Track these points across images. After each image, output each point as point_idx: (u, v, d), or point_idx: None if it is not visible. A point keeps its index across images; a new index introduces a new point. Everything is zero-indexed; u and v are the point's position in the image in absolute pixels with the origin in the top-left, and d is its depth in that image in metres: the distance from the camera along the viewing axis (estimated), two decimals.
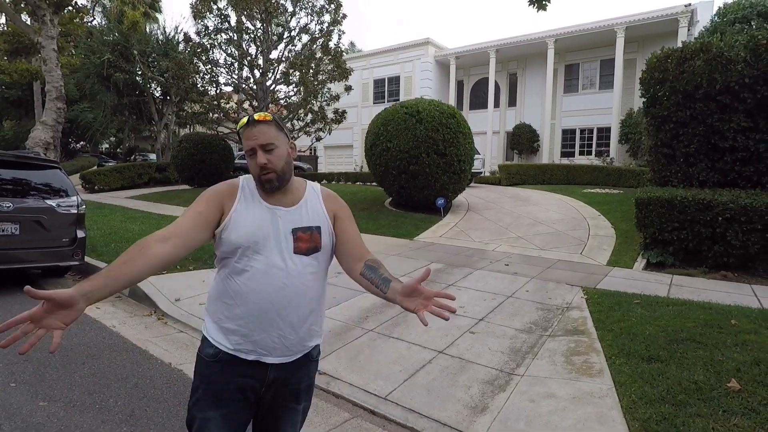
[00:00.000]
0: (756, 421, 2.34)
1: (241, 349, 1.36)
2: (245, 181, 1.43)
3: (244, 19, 14.76)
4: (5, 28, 21.03)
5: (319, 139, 16.54)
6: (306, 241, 1.37)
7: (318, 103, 15.77)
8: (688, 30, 17.17)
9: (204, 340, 1.42)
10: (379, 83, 24.81)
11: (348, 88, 16.36)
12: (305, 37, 15.57)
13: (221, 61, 15.53)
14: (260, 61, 15.32)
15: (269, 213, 1.37)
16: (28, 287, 1.06)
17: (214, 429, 1.35)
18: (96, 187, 16.68)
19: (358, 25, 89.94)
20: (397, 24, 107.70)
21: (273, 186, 1.36)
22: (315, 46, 15.46)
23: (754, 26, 13.28)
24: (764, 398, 2.53)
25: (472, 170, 11.48)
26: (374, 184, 13.50)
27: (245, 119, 1.37)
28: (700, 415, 2.41)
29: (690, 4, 16.84)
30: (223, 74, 15.74)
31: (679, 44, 7.20)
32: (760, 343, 3.22)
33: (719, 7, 15.56)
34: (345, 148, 25.91)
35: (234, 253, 1.35)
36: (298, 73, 14.88)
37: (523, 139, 21.28)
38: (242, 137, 1.37)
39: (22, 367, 3.16)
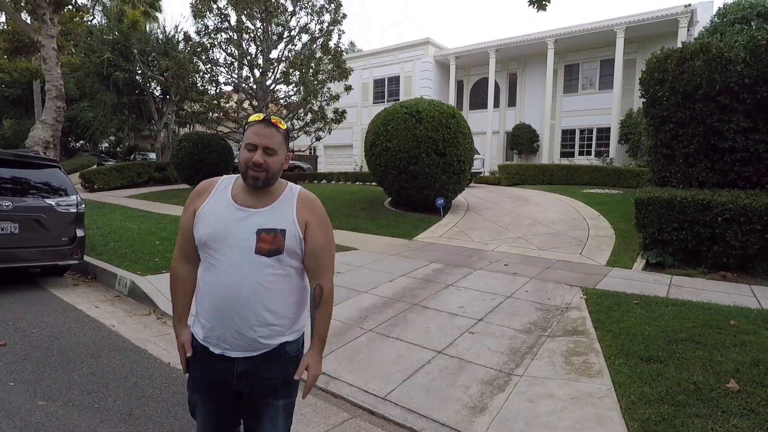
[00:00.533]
0: (755, 422, 2.34)
1: (209, 342, 1.45)
2: (225, 180, 1.51)
3: (244, 18, 14.75)
4: (5, 27, 21.03)
5: (318, 138, 16.54)
6: (268, 242, 1.39)
7: (318, 103, 15.76)
8: (688, 30, 17.17)
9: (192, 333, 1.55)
10: (378, 83, 24.80)
11: (348, 88, 16.35)
12: (305, 37, 15.57)
13: (221, 60, 15.53)
14: (260, 61, 15.31)
15: (238, 213, 1.42)
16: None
17: (201, 409, 1.51)
18: (95, 186, 16.68)
19: (357, 24, 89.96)
20: (397, 24, 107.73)
21: (257, 184, 1.41)
22: (315, 45, 15.46)
23: (753, 27, 13.28)
24: (763, 399, 2.53)
25: (472, 170, 11.48)
26: (374, 183, 13.49)
27: (261, 115, 1.43)
28: (699, 416, 2.41)
29: (690, 5, 16.84)
30: (222, 74, 15.75)
31: (679, 45, 7.21)
32: (759, 344, 3.22)
33: (719, 8, 15.54)
34: (345, 147, 25.91)
35: (201, 248, 1.45)
36: (298, 73, 14.87)
37: (522, 139, 21.28)
38: (249, 129, 1.42)
39: (21, 366, 3.15)
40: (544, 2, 5.38)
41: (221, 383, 1.47)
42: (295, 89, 15.79)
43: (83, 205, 5.50)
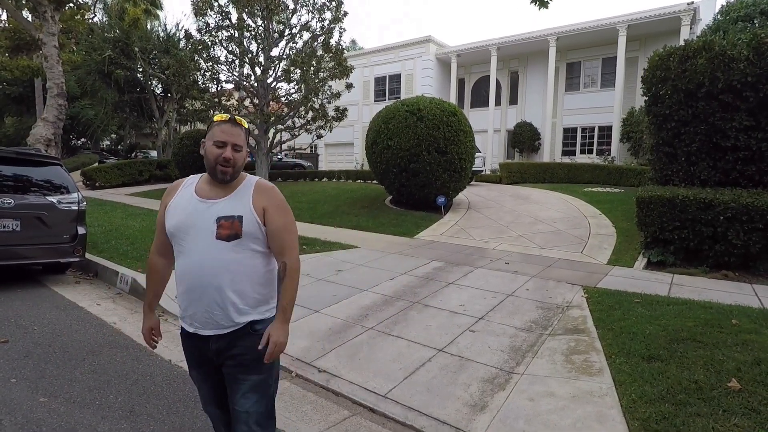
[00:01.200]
0: (756, 421, 2.34)
1: (185, 321, 1.65)
2: (191, 179, 1.70)
3: (245, 16, 14.71)
4: (7, 25, 21.02)
5: (319, 136, 16.51)
6: (227, 228, 1.55)
7: (319, 101, 15.73)
8: (691, 28, 17.10)
9: None
10: (380, 81, 24.76)
11: (349, 86, 16.30)
12: (306, 35, 15.52)
13: (222, 58, 15.48)
14: (261, 59, 15.28)
15: (200, 205, 1.59)
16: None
17: (199, 383, 1.77)
18: (97, 184, 16.70)
19: (359, 22, 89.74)
20: (399, 22, 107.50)
21: (225, 178, 1.59)
22: (316, 43, 15.41)
23: (757, 24, 13.21)
24: (764, 398, 2.53)
25: (473, 168, 11.46)
26: (375, 182, 13.49)
27: (226, 116, 1.61)
28: (700, 415, 2.41)
29: (692, 2, 16.77)
30: (224, 71, 15.70)
31: (682, 43, 7.17)
32: (760, 343, 3.22)
33: (722, 5, 15.47)
34: (346, 145, 25.89)
35: (172, 239, 1.64)
36: (299, 71, 14.84)
37: (524, 138, 21.24)
38: (215, 128, 1.59)
39: (22, 363, 3.16)
40: (545, 0, 5.36)
41: (203, 358, 1.67)
42: (296, 87, 15.76)
43: (84, 203, 5.51)
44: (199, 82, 15.63)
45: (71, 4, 14.43)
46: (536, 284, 5.17)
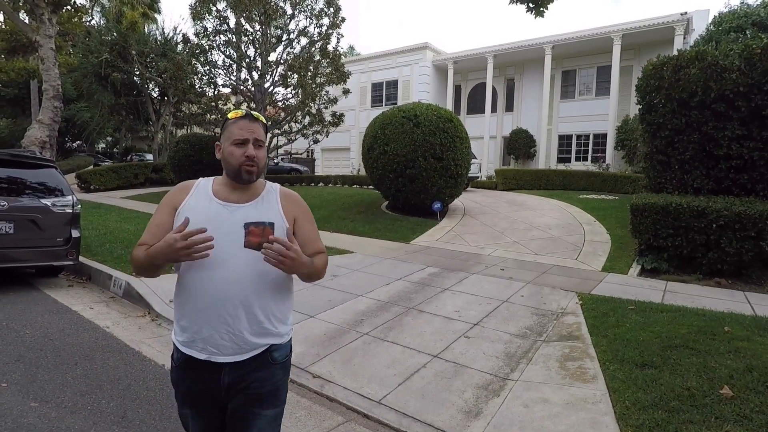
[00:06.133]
0: (748, 428, 2.35)
1: (194, 347, 1.39)
2: (203, 181, 1.49)
3: (243, 21, 14.77)
4: (3, 27, 20.97)
5: (316, 141, 16.55)
6: (257, 235, 1.36)
7: (316, 106, 15.78)
8: (684, 38, 17.34)
9: (173, 344, 1.47)
10: (377, 87, 24.88)
11: (346, 92, 16.39)
12: (304, 40, 15.60)
13: (219, 62, 15.52)
14: (258, 63, 15.32)
15: (221, 209, 1.40)
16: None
17: (193, 422, 1.48)
18: (92, 187, 16.59)
19: (356, 28, 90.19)
20: (396, 27, 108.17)
21: (251, 179, 1.42)
22: (313, 49, 15.49)
23: (748, 35, 13.40)
24: (757, 405, 2.54)
25: (469, 175, 11.51)
26: (371, 187, 13.50)
27: (242, 111, 1.43)
28: (693, 422, 2.42)
29: (686, 13, 17.01)
30: (221, 75, 15.73)
31: (675, 52, 7.26)
32: (752, 350, 3.24)
33: (714, 16, 15.69)
34: (342, 150, 25.94)
35: None
36: (296, 76, 14.90)
37: (519, 144, 21.38)
38: (232, 126, 1.42)
39: (13, 367, 3.13)
40: (541, 9, 5.42)
41: (208, 394, 1.42)
42: (293, 92, 15.81)
43: (79, 206, 5.48)
44: (196, 86, 15.65)
45: (69, 7, 14.43)
46: (531, 290, 5.19)
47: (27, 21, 14.76)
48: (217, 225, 1.35)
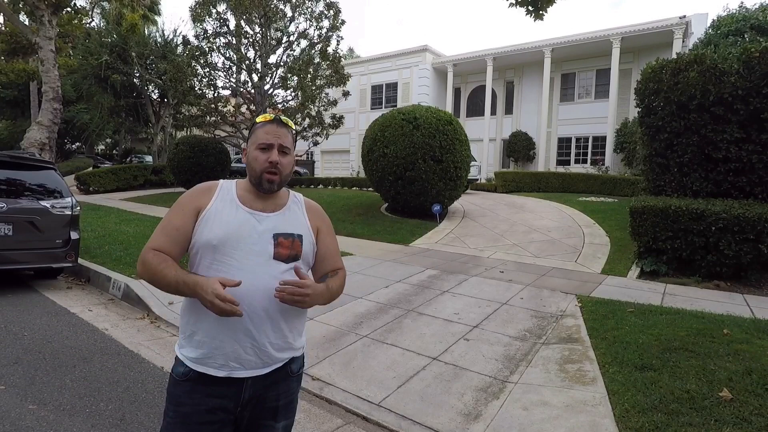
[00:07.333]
0: (747, 431, 2.35)
1: (211, 363, 1.29)
2: (226, 184, 1.41)
3: (243, 23, 14.81)
4: (3, 28, 20.99)
5: (316, 143, 16.57)
6: (287, 247, 1.32)
7: (315, 108, 15.80)
8: (683, 42, 17.39)
9: (176, 358, 1.36)
10: (376, 89, 24.92)
11: (346, 94, 16.42)
12: (304, 42, 15.66)
13: (219, 64, 15.56)
14: (258, 65, 15.36)
15: (249, 216, 1.33)
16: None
17: None
18: (91, 189, 16.58)
19: (355, 28, 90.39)
20: (395, 27, 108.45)
21: (272, 188, 1.35)
22: (313, 51, 15.53)
23: (747, 39, 13.46)
24: (756, 408, 2.54)
25: (468, 177, 11.52)
26: (370, 189, 13.51)
27: (271, 116, 1.39)
28: (692, 425, 2.42)
29: (684, 17, 17.07)
30: (221, 78, 15.76)
31: (674, 55, 7.29)
32: (751, 353, 3.24)
33: (713, 20, 15.77)
34: (342, 153, 25.95)
35: (206, 254, 1.30)
36: (296, 78, 14.92)
37: (519, 147, 21.41)
38: (259, 130, 1.37)
39: (11, 369, 3.12)
40: (541, 12, 5.43)
41: (221, 412, 1.30)
42: (293, 94, 15.84)
43: (78, 208, 5.47)
44: (196, 88, 15.66)
45: (69, 9, 14.45)
46: (530, 293, 5.19)
47: (27, 23, 14.78)
48: (244, 232, 1.30)
